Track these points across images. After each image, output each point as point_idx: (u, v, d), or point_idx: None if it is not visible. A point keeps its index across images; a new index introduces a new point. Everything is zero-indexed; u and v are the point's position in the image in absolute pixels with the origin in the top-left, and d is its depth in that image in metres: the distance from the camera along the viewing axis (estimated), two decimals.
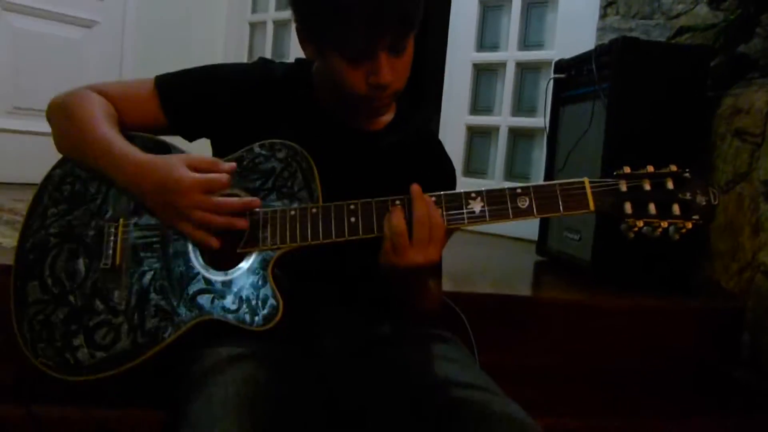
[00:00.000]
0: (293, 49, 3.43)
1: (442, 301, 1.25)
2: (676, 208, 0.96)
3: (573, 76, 2.01)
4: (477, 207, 1.00)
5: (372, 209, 1.00)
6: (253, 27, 3.76)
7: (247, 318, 0.99)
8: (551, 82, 2.13)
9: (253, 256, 1.02)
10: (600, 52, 1.83)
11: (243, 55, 3.74)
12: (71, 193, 1.13)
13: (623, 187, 0.98)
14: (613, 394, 1.45)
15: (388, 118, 1.22)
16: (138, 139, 1.15)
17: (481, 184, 2.67)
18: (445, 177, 1.24)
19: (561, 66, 2.10)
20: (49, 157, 1.18)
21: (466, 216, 1.00)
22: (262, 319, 0.98)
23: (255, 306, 0.99)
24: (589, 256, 1.78)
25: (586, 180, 0.99)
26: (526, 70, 2.66)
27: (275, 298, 0.99)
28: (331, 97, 1.16)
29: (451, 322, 1.28)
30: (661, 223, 0.97)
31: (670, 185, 0.97)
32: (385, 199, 1.01)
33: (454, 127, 2.82)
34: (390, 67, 1.04)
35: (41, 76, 2.93)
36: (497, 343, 1.39)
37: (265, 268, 1.01)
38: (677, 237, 0.97)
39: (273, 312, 0.98)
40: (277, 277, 1.01)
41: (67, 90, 1.19)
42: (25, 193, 2.70)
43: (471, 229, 1.17)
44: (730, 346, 1.59)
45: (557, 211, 0.98)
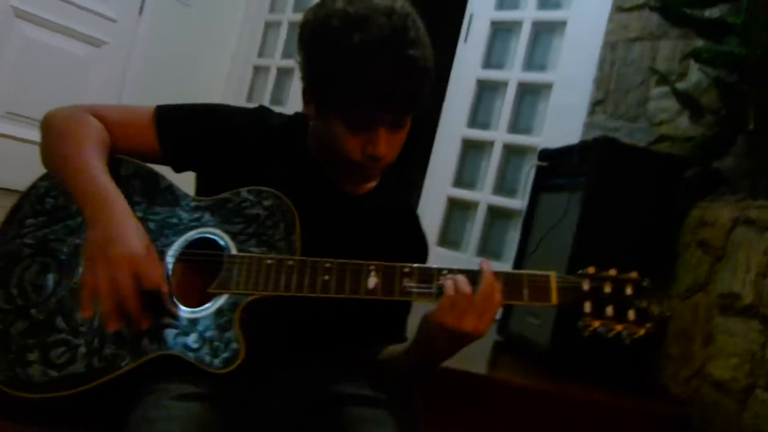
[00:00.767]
0: (292, 97, 3.51)
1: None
2: (632, 314, 1.03)
3: (555, 165, 2.09)
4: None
5: (346, 271, 1.04)
6: (256, 70, 3.85)
7: (207, 359, 1.00)
8: (534, 168, 2.21)
9: (223, 298, 1.04)
10: (582, 147, 1.92)
11: (242, 95, 3.81)
12: (53, 206, 1.14)
13: (586, 286, 1.04)
14: None
15: (372, 184, 1.27)
16: (126, 164, 1.18)
17: (453, 257, 2.72)
18: (418, 250, 1.28)
19: (545, 154, 2.18)
20: (37, 167, 1.19)
21: (435, 291, 1.03)
22: (221, 362, 1.00)
23: (217, 348, 1.01)
24: (547, 342, 1.81)
25: (553, 274, 1.05)
26: (512, 153, 2.76)
27: (238, 342, 1.01)
28: (323, 155, 1.20)
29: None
30: (616, 326, 1.03)
31: (629, 291, 1.04)
32: (361, 264, 1.04)
33: (436, 197, 2.88)
34: (387, 141, 1.09)
35: (41, 86, 2.97)
36: (448, 418, 1.41)
37: (233, 311, 1.03)
38: (629, 341, 1.04)
39: (234, 356, 1.00)
40: (244, 322, 1.03)
41: (67, 106, 1.22)
42: (6, 199, 2.69)
43: None
44: None
45: (521, 300, 1.03)
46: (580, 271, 1.06)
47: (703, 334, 1.61)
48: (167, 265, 1.09)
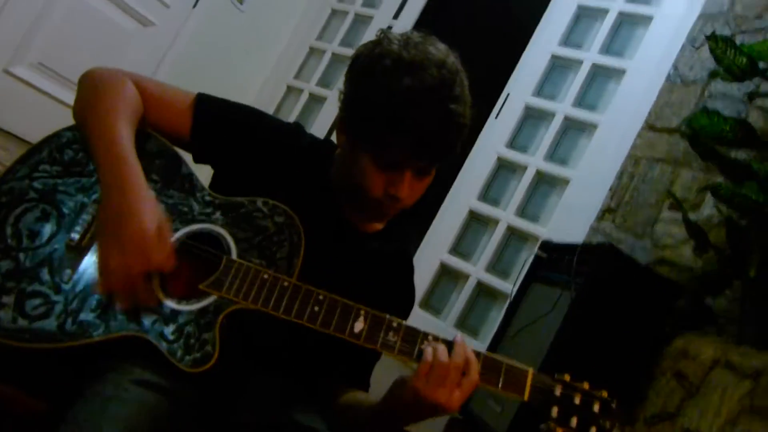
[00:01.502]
0: (317, 124, 3.55)
1: None
2: (593, 431, 1.03)
3: (554, 259, 2.10)
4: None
5: (337, 307, 1.03)
6: (289, 90, 3.90)
7: (179, 354, 0.99)
8: (532, 257, 2.22)
9: (211, 298, 1.04)
10: (584, 249, 1.94)
11: (269, 111, 3.85)
12: (71, 159, 1.14)
13: (557, 391, 1.05)
14: None
15: (379, 225, 1.28)
16: (154, 140, 1.18)
17: (431, 322, 2.71)
18: (405, 301, 1.29)
19: (546, 246, 2.20)
20: (56, 125, 1.18)
21: (415, 352, 1.03)
22: (191, 361, 0.98)
23: (191, 345, 0.99)
24: (504, 431, 1.80)
25: (531, 371, 1.05)
26: (514, 236, 2.78)
27: (213, 346, 0.99)
28: (343, 185, 1.21)
29: None
30: None
31: (596, 408, 1.04)
32: (352, 306, 1.04)
33: (429, 259, 2.88)
34: (410, 186, 1.11)
35: (80, 48, 2.99)
36: None
37: (218, 314, 1.02)
38: None
39: (205, 358, 0.98)
40: (224, 328, 1.02)
41: (112, 67, 1.23)
42: (11, 145, 2.68)
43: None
44: None
45: (495, 386, 1.03)
46: (556, 375, 1.07)
47: None
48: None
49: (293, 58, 3.95)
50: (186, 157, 1.22)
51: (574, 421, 1.02)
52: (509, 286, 2.62)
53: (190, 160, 1.24)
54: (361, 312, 1.02)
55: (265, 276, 1.04)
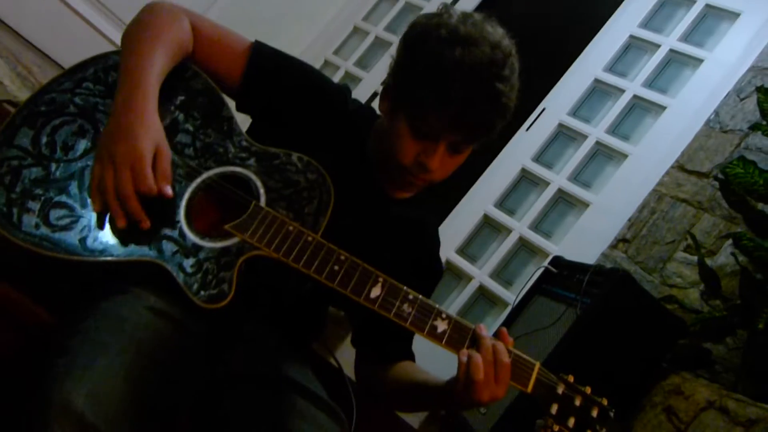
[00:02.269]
0: None
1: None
2: None
3: (563, 275, 2.09)
4: (440, 327, 1.03)
5: (356, 270, 1.03)
6: (326, 63, 3.89)
7: (195, 287, 0.98)
8: (541, 270, 2.21)
9: (233, 240, 1.03)
10: (597, 271, 1.93)
11: None
12: (115, 82, 1.13)
13: (560, 389, 1.05)
14: None
15: (408, 194, 1.28)
16: (200, 78, 1.18)
17: None
18: (427, 272, 1.29)
19: (557, 262, 2.19)
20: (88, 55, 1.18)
21: (428, 328, 1.02)
22: (206, 297, 0.98)
23: (209, 281, 0.99)
24: None
25: (537, 364, 1.06)
26: (524, 248, 2.77)
27: (229, 286, 0.99)
28: (378, 152, 1.21)
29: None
30: None
31: (594, 413, 1.05)
32: (371, 271, 1.03)
33: None
34: (441, 159, 1.11)
35: None
36: None
37: (238, 256, 1.02)
38: None
39: (220, 296, 0.98)
40: (241, 271, 1.02)
41: (175, 4, 1.22)
42: (46, 65, 2.67)
43: None
44: None
45: None
46: (561, 374, 1.07)
47: None
48: (193, 185, 1.07)
49: (335, 34, 3.93)
50: (230, 103, 1.22)
51: (571, 422, 1.02)
52: (510, 295, 2.61)
53: (233, 107, 1.24)
54: (380, 279, 1.02)
55: (291, 228, 1.04)
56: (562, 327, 1.85)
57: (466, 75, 1.05)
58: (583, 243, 2.59)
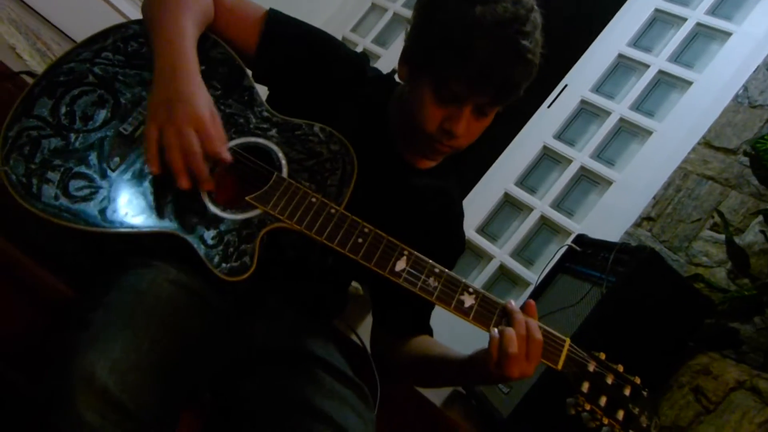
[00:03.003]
0: None
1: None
2: (621, 414, 1.00)
3: (587, 254, 2.06)
4: (468, 301, 1.00)
5: (381, 243, 1.00)
6: (344, 41, 3.82)
7: (217, 259, 0.96)
8: (564, 248, 2.17)
9: (255, 212, 1.01)
10: (623, 249, 1.89)
11: None
12: (135, 52, 1.11)
13: (591, 367, 1.01)
14: None
15: (431, 163, 1.24)
16: (219, 48, 1.15)
17: None
18: (449, 244, 1.25)
19: (581, 240, 2.15)
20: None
21: (454, 302, 1.00)
22: (228, 269, 0.96)
23: (230, 254, 0.97)
24: (508, 415, 1.77)
25: (568, 341, 1.02)
26: (546, 227, 2.73)
27: (251, 258, 0.97)
28: (399, 120, 1.18)
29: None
30: (603, 419, 1.00)
31: (627, 392, 1.01)
32: (396, 243, 1.01)
33: None
34: (467, 123, 1.07)
35: None
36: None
37: (260, 228, 0.99)
38: None
39: (242, 269, 0.96)
40: (263, 244, 0.99)
41: None
42: (65, 42, 2.66)
43: None
44: None
45: None
46: (592, 351, 1.04)
47: None
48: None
49: (353, 11, 3.88)
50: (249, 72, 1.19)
51: (603, 400, 0.99)
52: (531, 275, 2.58)
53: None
54: (405, 252, 0.99)
55: (313, 199, 1.01)
56: (586, 306, 1.82)
57: (489, 32, 1.01)
58: (606, 221, 2.54)
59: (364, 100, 1.21)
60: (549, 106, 2.98)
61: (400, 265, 0.99)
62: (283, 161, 1.06)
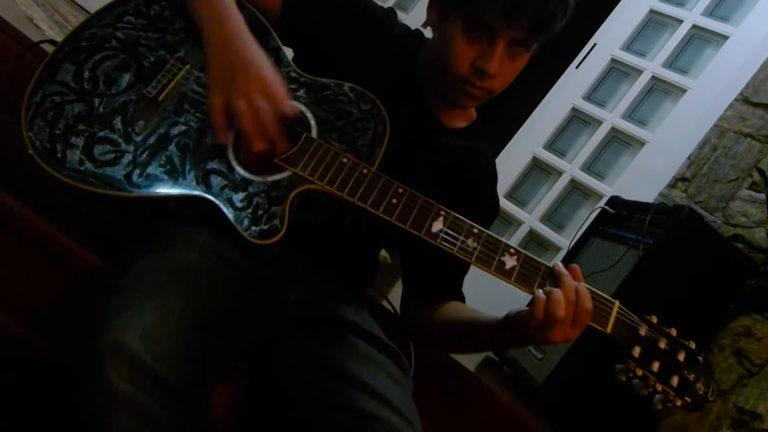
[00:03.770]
0: None
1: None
2: (675, 380, 0.94)
3: (621, 216, 2.00)
4: (509, 263, 0.96)
5: (416, 204, 0.96)
6: None
7: (246, 223, 0.93)
8: (597, 210, 2.12)
9: (285, 174, 0.98)
10: (660, 209, 1.83)
11: None
12: (157, 15, 1.08)
13: (642, 331, 0.96)
14: None
15: (462, 124, 1.20)
16: (245, 9, 1.11)
17: None
18: (484, 205, 1.21)
19: (615, 202, 2.09)
20: None
21: (495, 264, 0.96)
22: (258, 232, 0.93)
23: (259, 216, 0.94)
24: (542, 381, 1.74)
25: (617, 303, 0.97)
26: (576, 190, 2.66)
27: (281, 221, 0.94)
28: (430, 72, 1.13)
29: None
30: (656, 385, 0.95)
31: (681, 357, 0.96)
32: (432, 203, 0.97)
33: None
34: (500, 61, 1.02)
35: None
36: (431, 398, 1.34)
37: (290, 190, 0.96)
38: (659, 406, 0.96)
39: (273, 232, 0.93)
40: (293, 207, 0.96)
41: None
42: (82, 16, 2.63)
43: None
44: None
45: None
46: (644, 315, 0.98)
47: None
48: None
49: None
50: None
51: (656, 366, 0.93)
52: (562, 240, 2.53)
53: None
54: (441, 212, 0.96)
55: (345, 160, 0.97)
56: (622, 269, 1.76)
57: None
58: (639, 183, 2.47)
59: (393, 57, 1.17)
60: (577, 67, 2.89)
61: (437, 225, 0.95)
62: (313, 122, 1.02)
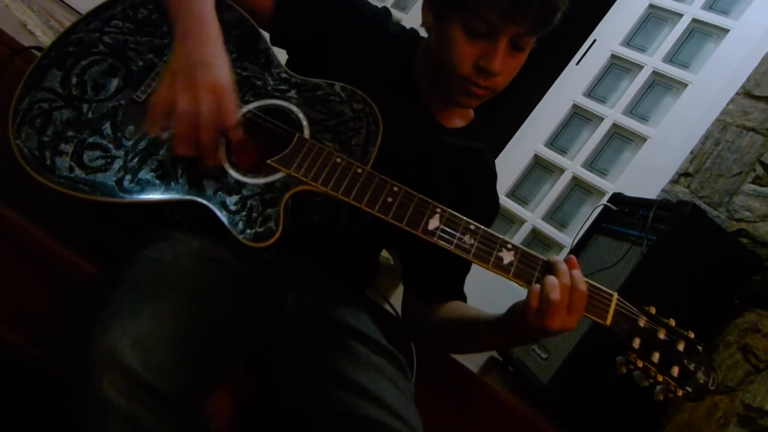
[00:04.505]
0: None
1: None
2: (676, 371, 0.94)
3: (624, 213, 1.98)
4: (507, 258, 0.95)
5: (412, 202, 0.95)
6: None
7: (241, 226, 0.92)
8: (600, 208, 2.10)
9: (278, 175, 0.96)
10: (663, 205, 1.81)
11: None
12: (145, 19, 1.07)
13: (642, 322, 0.96)
14: None
15: (460, 123, 1.18)
16: (233, 10, 1.10)
17: None
18: (487, 207, 1.20)
19: (617, 199, 2.07)
20: None
21: (492, 259, 0.94)
22: (253, 235, 0.91)
23: (254, 219, 0.92)
24: (547, 381, 1.71)
25: (616, 295, 0.97)
26: (578, 188, 2.64)
27: (276, 223, 0.92)
28: (428, 74, 1.12)
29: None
30: (657, 376, 0.95)
31: (681, 347, 0.95)
32: (428, 201, 0.95)
33: None
34: (503, 59, 1.00)
35: None
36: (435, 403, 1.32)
37: (284, 192, 0.95)
38: (660, 397, 0.95)
39: (267, 235, 0.91)
40: (288, 208, 0.95)
41: None
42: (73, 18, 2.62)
43: None
44: None
45: None
46: (643, 306, 0.98)
47: None
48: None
49: None
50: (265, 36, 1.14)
51: (656, 357, 0.93)
52: (565, 238, 2.51)
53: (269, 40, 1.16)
54: (437, 210, 0.94)
55: (338, 159, 0.96)
56: (626, 266, 1.75)
57: None
58: (642, 179, 2.45)
59: (389, 58, 1.15)
60: (578, 63, 2.87)
61: (434, 223, 0.94)
62: (305, 122, 1.01)
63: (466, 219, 0.95)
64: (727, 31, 2.53)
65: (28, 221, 1.03)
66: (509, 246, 0.94)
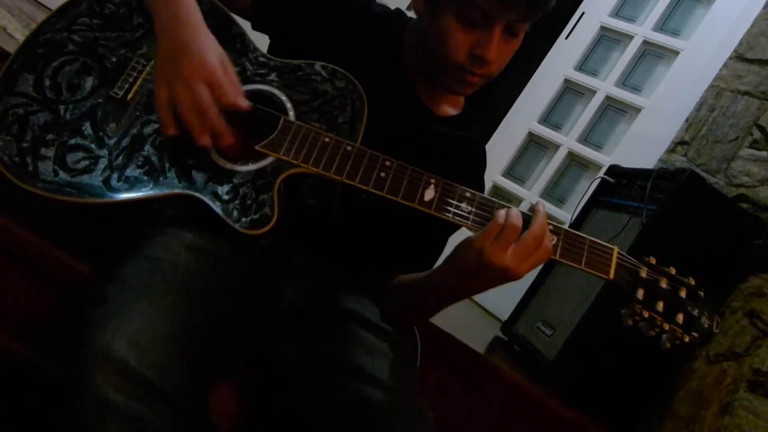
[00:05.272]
0: None
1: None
2: (680, 317, 0.95)
3: (621, 184, 1.96)
4: None
5: (405, 174, 0.93)
6: None
7: (235, 214, 0.90)
8: (597, 181, 2.08)
9: (268, 160, 0.94)
10: (660, 174, 1.79)
11: None
12: (113, 14, 1.04)
13: (643, 273, 0.96)
14: None
15: (452, 112, 1.16)
16: (206, 2, 1.08)
17: None
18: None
19: (614, 171, 2.05)
20: None
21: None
22: (249, 222, 0.89)
23: (248, 207, 0.90)
24: (554, 357, 1.70)
25: (616, 249, 0.97)
26: (575, 163, 2.63)
27: (271, 208, 0.90)
28: (418, 58, 1.09)
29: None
30: (663, 324, 0.95)
31: (683, 294, 0.96)
32: (422, 173, 0.94)
33: None
34: (498, 47, 0.99)
35: None
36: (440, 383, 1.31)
37: (276, 176, 0.93)
38: (667, 345, 0.96)
39: (263, 221, 0.89)
40: (281, 193, 0.93)
41: None
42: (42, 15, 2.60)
43: None
44: None
45: (578, 263, 0.94)
46: (642, 257, 0.99)
47: (722, 404, 1.49)
48: None
49: None
50: (243, 24, 1.11)
51: (660, 306, 0.94)
52: (564, 214, 2.50)
53: (245, 25, 1.13)
54: (432, 180, 0.93)
55: (327, 139, 0.94)
56: (627, 238, 1.73)
57: None
58: (638, 150, 2.43)
59: (375, 39, 1.13)
60: (567, 37, 2.85)
61: (429, 194, 0.92)
62: (288, 104, 0.99)
63: (461, 187, 0.94)
64: None
65: (19, 226, 1.02)
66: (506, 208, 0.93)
